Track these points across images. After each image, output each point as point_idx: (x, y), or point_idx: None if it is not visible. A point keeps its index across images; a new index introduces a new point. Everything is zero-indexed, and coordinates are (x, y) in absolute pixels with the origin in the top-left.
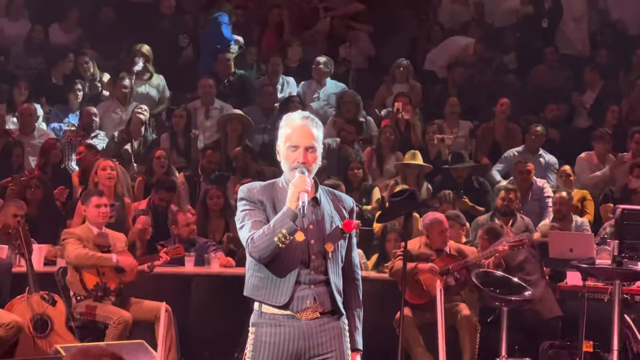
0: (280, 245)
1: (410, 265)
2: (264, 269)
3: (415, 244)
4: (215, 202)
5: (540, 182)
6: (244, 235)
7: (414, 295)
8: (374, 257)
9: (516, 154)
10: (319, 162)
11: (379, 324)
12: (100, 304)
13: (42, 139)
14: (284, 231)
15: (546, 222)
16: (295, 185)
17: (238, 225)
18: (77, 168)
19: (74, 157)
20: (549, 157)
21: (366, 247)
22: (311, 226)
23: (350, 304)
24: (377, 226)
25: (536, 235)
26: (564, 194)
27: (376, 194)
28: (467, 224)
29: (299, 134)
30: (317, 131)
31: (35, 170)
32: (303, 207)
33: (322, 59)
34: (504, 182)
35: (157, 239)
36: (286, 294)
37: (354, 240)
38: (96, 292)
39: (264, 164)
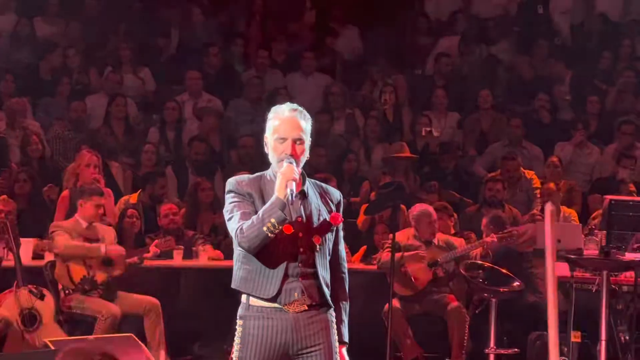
0: (269, 234)
1: (397, 255)
2: (252, 262)
3: (403, 236)
4: (207, 194)
5: (528, 174)
6: (233, 226)
7: (402, 287)
8: (362, 249)
9: (500, 147)
10: (307, 155)
11: (368, 315)
12: (88, 298)
13: (30, 134)
14: (273, 220)
15: (534, 212)
16: (284, 174)
17: (226, 217)
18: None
19: (62, 151)
20: (532, 148)
21: (354, 240)
22: (299, 219)
23: (336, 296)
24: (360, 220)
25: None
26: (552, 185)
27: (365, 186)
28: (455, 215)
29: (287, 126)
30: (306, 123)
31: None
32: (291, 194)
33: None
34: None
35: (148, 232)
36: (274, 286)
37: (341, 233)
38: (83, 285)
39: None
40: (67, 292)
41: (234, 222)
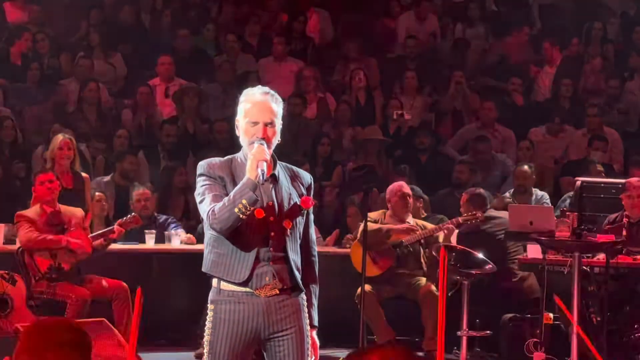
0: (241, 216)
1: (384, 227)
2: (223, 246)
3: (378, 216)
4: (180, 179)
5: (501, 156)
6: (204, 208)
7: (369, 265)
8: (335, 233)
9: (472, 129)
10: (278, 138)
11: (341, 299)
12: (59, 283)
13: (5, 118)
14: (244, 201)
15: (506, 195)
16: (254, 155)
17: (198, 200)
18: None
19: (35, 134)
20: (504, 130)
21: (326, 223)
22: (270, 203)
23: (306, 280)
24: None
25: None
26: (526, 167)
27: (338, 170)
28: (426, 197)
29: (258, 109)
30: (277, 107)
31: None
32: (262, 174)
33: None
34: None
35: (121, 216)
36: (246, 270)
37: (311, 216)
38: (50, 274)
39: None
40: (37, 277)
41: (206, 204)
